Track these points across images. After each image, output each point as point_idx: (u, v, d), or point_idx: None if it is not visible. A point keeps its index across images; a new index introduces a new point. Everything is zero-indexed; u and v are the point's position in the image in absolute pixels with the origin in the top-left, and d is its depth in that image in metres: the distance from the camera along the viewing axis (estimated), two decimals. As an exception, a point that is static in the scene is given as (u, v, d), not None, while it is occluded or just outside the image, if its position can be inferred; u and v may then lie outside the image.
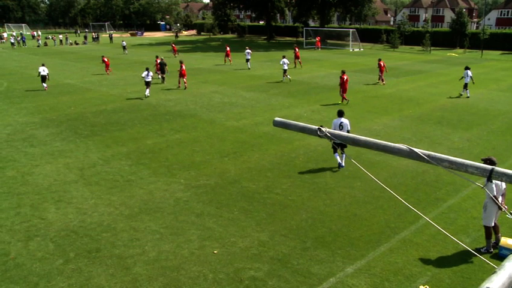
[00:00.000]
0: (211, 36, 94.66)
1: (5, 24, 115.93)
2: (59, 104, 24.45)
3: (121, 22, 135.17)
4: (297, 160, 14.77)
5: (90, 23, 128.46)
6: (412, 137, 17.29)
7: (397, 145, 3.38)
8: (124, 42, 60.21)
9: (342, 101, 23.68)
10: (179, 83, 28.99)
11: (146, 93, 25.92)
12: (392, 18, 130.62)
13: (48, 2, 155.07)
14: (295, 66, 39.60)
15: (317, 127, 3.89)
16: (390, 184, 12.43)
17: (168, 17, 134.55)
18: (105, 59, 36.98)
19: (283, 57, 31.68)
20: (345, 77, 23.41)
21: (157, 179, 13.12)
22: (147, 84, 26.05)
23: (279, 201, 11.60)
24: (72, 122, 20.18)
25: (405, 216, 10.55)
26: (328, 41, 68.63)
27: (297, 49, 40.64)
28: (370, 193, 11.95)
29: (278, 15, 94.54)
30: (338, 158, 13.94)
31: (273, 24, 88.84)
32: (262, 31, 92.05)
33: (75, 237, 9.80)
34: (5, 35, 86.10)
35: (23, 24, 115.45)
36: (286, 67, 31.33)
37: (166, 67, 31.29)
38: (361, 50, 60.37)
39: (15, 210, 11.14)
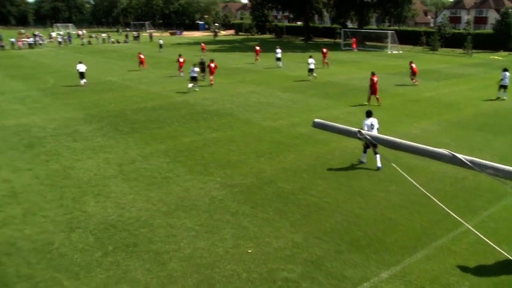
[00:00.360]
0: (249, 37, 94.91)
1: (54, 24, 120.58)
2: (101, 100, 25.11)
3: (161, 21, 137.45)
4: (333, 162, 14.65)
5: (132, 22, 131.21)
6: (451, 142, 16.82)
7: (438, 150, 3.29)
8: (161, 41, 62.27)
9: (378, 101, 23.48)
10: (211, 81, 29.74)
11: (189, 86, 27.41)
12: (432, 20, 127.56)
13: (93, 3, 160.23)
14: (328, 66, 39.81)
15: (357, 129, 3.86)
16: (428, 189, 12.12)
17: (206, 16, 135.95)
18: (141, 56, 38.71)
19: (310, 57, 32.97)
20: (375, 79, 23.38)
21: (193, 177, 13.28)
22: (192, 79, 27.36)
23: (314, 202, 11.53)
24: (113, 119, 20.68)
25: (443, 222, 10.27)
26: (367, 42, 67.59)
27: (324, 50, 41.38)
28: (406, 197, 11.71)
29: (316, 16, 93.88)
30: (364, 156, 14.38)
31: (311, 25, 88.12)
32: (299, 32, 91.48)
33: (113, 231, 10.04)
34: (53, 34, 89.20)
35: (70, 24, 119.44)
36: (312, 66, 32.46)
37: (205, 65, 31.88)
38: (400, 52, 59.20)
39: (59, 202, 11.52)
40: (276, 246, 9.37)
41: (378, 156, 13.76)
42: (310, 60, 32.34)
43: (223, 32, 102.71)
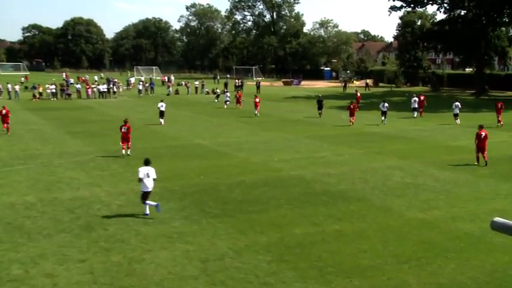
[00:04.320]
0: (393, 89, 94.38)
1: (135, 66, 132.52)
2: (186, 170, 26.29)
3: (273, 66, 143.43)
4: (518, 280, 13.58)
5: (234, 67, 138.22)
6: None
7: None
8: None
9: (483, 159, 27.07)
10: (351, 121, 41.27)
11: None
12: None
13: (186, 40, 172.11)
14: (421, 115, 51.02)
15: None
16: None
17: (335, 60, 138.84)
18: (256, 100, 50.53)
19: (456, 100, 48.11)
20: (482, 133, 26.75)
21: (305, 286, 13.04)
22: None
23: None
24: (199, 196, 21.43)
25: None
26: None
27: (422, 97, 52.62)
28: None
29: (496, 59, 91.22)
30: None
31: (487, 72, 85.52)
32: (468, 82, 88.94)
33: None
34: (132, 80, 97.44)
35: (154, 67, 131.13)
36: (457, 111, 44.37)
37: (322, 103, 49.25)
38: None
39: (116, 310, 11.88)
40: None
41: None
42: (456, 104, 45.10)
43: (356, 83, 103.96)
